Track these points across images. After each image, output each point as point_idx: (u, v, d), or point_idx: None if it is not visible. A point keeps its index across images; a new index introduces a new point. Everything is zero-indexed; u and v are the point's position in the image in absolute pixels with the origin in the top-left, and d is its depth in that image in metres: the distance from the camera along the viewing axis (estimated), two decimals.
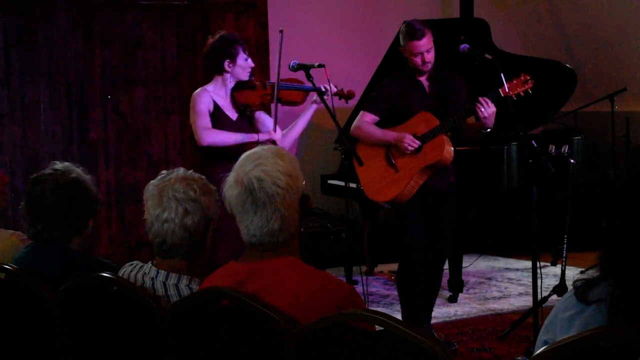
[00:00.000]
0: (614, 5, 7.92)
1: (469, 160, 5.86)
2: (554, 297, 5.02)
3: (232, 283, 2.18)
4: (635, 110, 7.41)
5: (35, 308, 2.65)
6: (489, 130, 4.56)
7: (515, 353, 4.64)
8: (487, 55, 4.60)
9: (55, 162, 2.95)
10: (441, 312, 5.57)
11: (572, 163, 5.62)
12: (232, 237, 4.28)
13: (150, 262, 2.57)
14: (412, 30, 4.62)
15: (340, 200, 7.12)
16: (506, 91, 4.50)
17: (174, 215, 2.46)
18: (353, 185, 5.27)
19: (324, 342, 1.94)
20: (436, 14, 8.13)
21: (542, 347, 1.68)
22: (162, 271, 2.52)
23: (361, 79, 6.73)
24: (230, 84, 4.69)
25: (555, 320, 1.82)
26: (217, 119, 4.63)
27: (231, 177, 2.25)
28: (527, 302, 5.51)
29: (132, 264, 2.62)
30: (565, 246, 5.48)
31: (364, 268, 6.68)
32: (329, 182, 6.86)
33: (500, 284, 6.38)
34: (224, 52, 4.62)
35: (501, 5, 8.55)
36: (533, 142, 4.56)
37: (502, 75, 4.46)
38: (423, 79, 4.76)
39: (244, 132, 4.63)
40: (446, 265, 5.30)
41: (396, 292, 5.35)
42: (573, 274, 5.74)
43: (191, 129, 4.72)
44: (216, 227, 2.56)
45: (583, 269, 1.84)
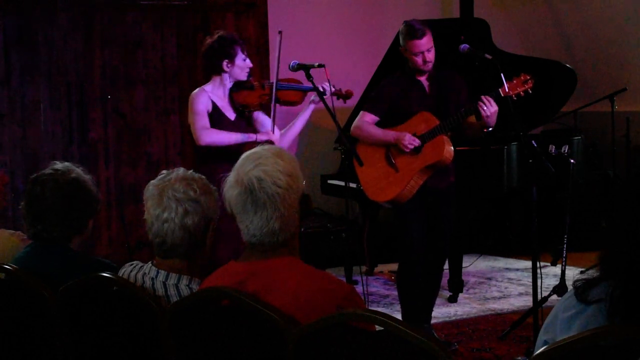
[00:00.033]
0: (614, 5, 7.92)
1: (469, 160, 5.86)
2: (554, 297, 5.02)
3: (232, 283, 2.18)
4: (635, 110, 7.40)
5: (35, 308, 2.65)
6: (490, 129, 4.56)
7: (515, 353, 4.64)
8: (487, 55, 4.60)
9: (55, 162, 2.94)
10: (441, 312, 5.57)
11: (572, 163, 5.62)
12: (232, 237, 4.28)
13: (150, 262, 2.57)
14: (413, 30, 4.62)
15: (340, 200, 7.11)
16: (506, 91, 4.50)
17: (174, 215, 2.46)
18: (353, 185, 5.27)
19: (324, 342, 1.94)
20: (436, 14, 8.13)
21: (542, 347, 1.68)
22: (162, 271, 2.52)
23: (361, 79, 6.73)
24: (229, 84, 4.68)
25: (555, 321, 1.82)
26: (215, 119, 4.62)
27: (231, 177, 2.25)
28: (527, 302, 5.51)
29: (132, 264, 2.62)
30: (565, 246, 5.48)
31: (364, 268, 6.68)
32: (329, 182, 6.85)
33: (500, 284, 6.38)
34: (222, 52, 4.61)
35: (501, 5, 8.55)
36: (533, 142, 4.56)
37: (502, 75, 4.46)
38: (423, 79, 4.76)
39: (243, 132, 4.63)
40: (446, 265, 5.30)
41: (396, 292, 5.35)
42: (573, 274, 5.74)
43: (190, 129, 4.72)
44: (216, 227, 2.56)
45: (583, 269, 1.83)
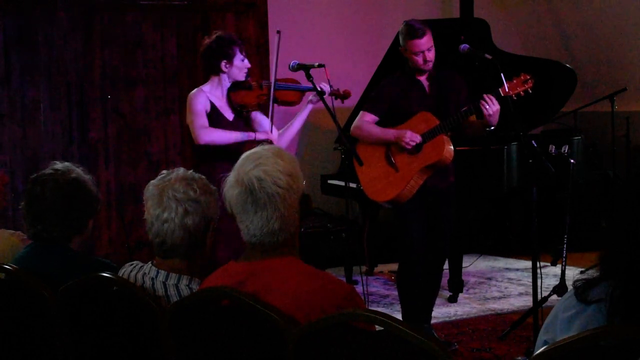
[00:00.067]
0: (614, 5, 7.92)
1: (469, 160, 5.86)
2: (554, 297, 5.02)
3: (232, 283, 2.18)
4: (635, 110, 7.40)
5: (35, 308, 2.65)
6: (492, 128, 4.56)
7: (515, 353, 4.64)
8: (487, 55, 4.60)
9: (55, 162, 2.94)
10: (441, 312, 5.57)
11: (572, 163, 5.62)
12: (232, 237, 4.28)
13: (150, 262, 2.57)
14: (413, 30, 4.63)
15: (340, 200, 7.12)
16: (506, 91, 4.50)
17: (174, 215, 2.46)
18: (353, 185, 5.27)
19: (324, 342, 1.94)
20: (436, 14, 8.13)
21: (542, 347, 1.68)
22: (162, 271, 2.52)
23: (361, 79, 6.73)
24: (227, 84, 4.68)
25: (555, 321, 1.82)
26: (213, 120, 4.62)
27: (231, 177, 2.25)
28: (527, 302, 5.51)
29: (132, 264, 2.62)
30: (565, 246, 5.48)
31: (364, 268, 6.68)
32: (329, 182, 6.85)
33: (500, 284, 6.38)
34: (220, 53, 4.60)
35: (501, 5, 8.55)
36: (533, 142, 4.56)
37: (502, 75, 4.46)
38: (423, 78, 4.75)
39: (242, 132, 4.63)
40: (446, 265, 5.30)
41: (396, 292, 5.35)
42: (573, 274, 5.74)
43: (189, 129, 4.71)
44: (216, 227, 2.56)
45: (583, 269, 1.83)
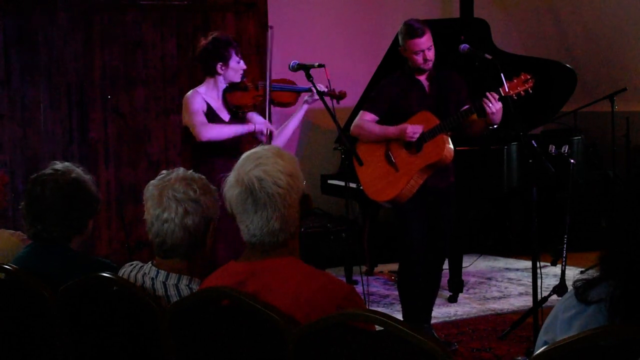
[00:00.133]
0: (614, 6, 7.92)
1: (469, 160, 5.86)
2: (554, 297, 5.02)
3: (232, 283, 2.18)
4: (635, 110, 7.40)
5: (35, 308, 2.65)
6: (495, 126, 4.56)
7: (515, 353, 4.64)
8: (487, 55, 4.60)
9: (55, 162, 2.95)
10: (441, 312, 5.57)
11: (572, 163, 5.62)
12: (232, 237, 4.28)
13: (150, 262, 2.57)
14: (412, 29, 4.63)
15: (340, 200, 7.11)
16: (506, 91, 4.50)
17: (174, 216, 2.46)
18: (353, 185, 5.27)
19: (324, 342, 1.94)
20: (436, 14, 8.13)
21: (542, 347, 1.68)
22: (162, 271, 2.52)
23: (361, 79, 6.73)
24: (222, 85, 4.68)
25: (555, 321, 1.82)
26: (210, 121, 4.62)
27: (231, 177, 2.25)
28: (527, 302, 5.50)
29: (132, 264, 2.62)
30: (565, 246, 5.49)
31: (364, 268, 6.68)
32: (329, 182, 6.85)
33: (500, 284, 6.38)
34: (216, 54, 4.60)
35: (501, 5, 8.55)
36: (533, 142, 4.56)
37: (502, 75, 4.46)
38: (423, 78, 4.75)
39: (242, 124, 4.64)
40: (446, 265, 5.30)
41: (396, 292, 5.35)
42: (573, 274, 5.74)
43: (186, 130, 4.71)
44: (216, 227, 2.56)
45: (583, 269, 1.83)
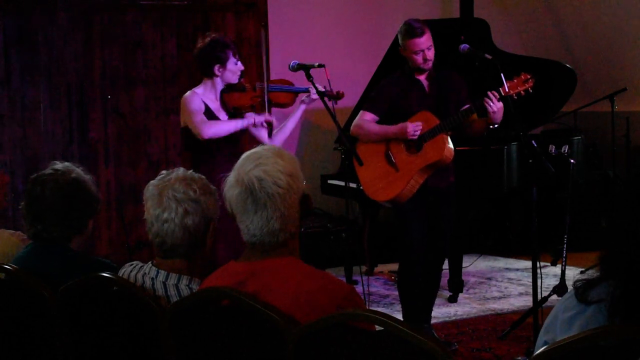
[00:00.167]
0: (613, 6, 7.92)
1: (469, 160, 5.86)
2: (554, 297, 5.02)
3: (232, 283, 2.18)
4: (635, 110, 7.40)
5: (35, 308, 2.65)
6: (497, 125, 4.56)
7: (515, 353, 4.64)
8: (487, 55, 4.60)
9: (55, 162, 2.94)
10: (441, 312, 5.57)
11: (572, 163, 5.62)
12: (232, 237, 4.27)
13: (150, 262, 2.57)
14: (412, 29, 4.63)
15: (340, 200, 7.11)
16: (506, 90, 4.50)
17: (174, 216, 2.46)
18: (353, 185, 5.27)
19: (324, 342, 1.94)
20: (436, 14, 8.13)
21: (542, 347, 1.68)
22: (162, 271, 2.52)
23: (361, 79, 6.73)
24: (220, 86, 4.69)
25: (556, 321, 1.82)
26: None
27: (231, 177, 2.25)
28: (527, 302, 5.50)
29: (132, 264, 2.62)
30: (565, 246, 5.49)
31: (364, 268, 6.68)
32: (329, 182, 6.85)
33: (500, 284, 6.37)
34: (214, 57, 4.60)
35: (501, 5, 8.55)
36: (533, 142, 4.56)
37: (502, 75, 4.46)
38: (423, 78, 4.75)
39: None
40: (446, 265, 5.30)
41: (396, 292, 5.35)
42: (573, 274, 5.74)
43: (186, 131, 4.71)
44: (216, 227, 2.56)
45: (583, 269, 1.83)
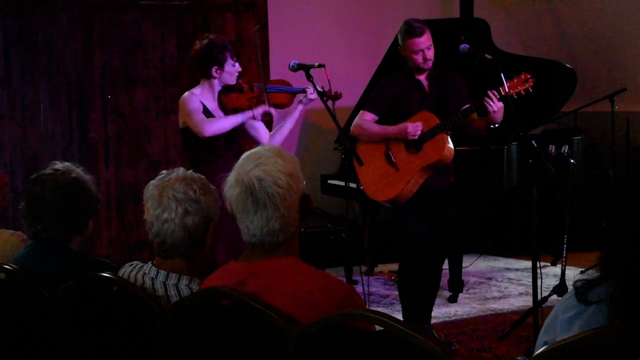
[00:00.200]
0: (613, 6, 7.92)
1: (469, 160, 5.86)
2: (554, 297, 5.02)
3: (232, 283, 2.18)
4: (635, 110, 7.40)
5: (35, 308, 2.65)
6: (497, 125, 4.56)
7: (515, 353, 4.64)
8: (487, 55, 4.60)
9: (55, 162, 2.94)
10: (441, 312, 5.57)
11: (572, 163, 5.62)
12: (232, 237, 4.26)
13: (150, 262, 2.57)
14: (412, 28, 4.63)
15: (340, 200, 7.11)
16: (506, 90, 4.50)
17: (174, 216, 2.46)
18: (353, 185, 5.27)
19: (324, 342, 1.94)
20: (436, 14, 8.13)
21: (542, 347, 1.68)
22: (162, 271, 2.52)
23: (361, 79, 6.73)
24: (218, 87, 4.69)
25: (556, 321, 1.82)
26: None
27: (232, 177, 2.25)
28: (527, 302, 5.50)
29: (132, 264, 2.62)
30: (565, 246, 5.49)
31: (364, 268, 6.68)
32: (329, 182, 6.85)
33: (500, 284, 6.37)
34: (211, 58, 4.60)
35: (501, 5, 8.55)
36: (533, 142, 4.56)
37: (502, 75, 4.46)
38: (423, 78, 4.75)
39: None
40: (446, 265, 5.30)
41: (396, 292, 5.34)
42: (573, 274, 5.74)
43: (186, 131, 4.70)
44: (216, 227, 2.56)
45: (583, 269, 1.83)
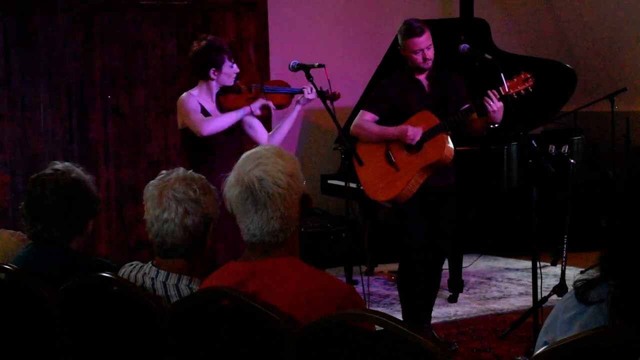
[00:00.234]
0: (613, 6, 7.92)
1: (469, 160, 5.86)
2: (554, 297, 5.02)
3: (232, 283, 2.18)
4: (635, 110, 7.40)
5: (35, 308, 2.65)
6: (497, 125, 4.56)
7: (515, 353, 4.64)
8: (487, 55, 4.60)
9: (55, 162, 2.95)
10: (441, 312, 5.57)
11: (572, 163, 5.62)
12: (233, 237, 4.27)
13: (150, 262, 2.57)
14: (411, 28, 4.63)
15: (340, 200, 7.11)
16: (506, 90, 4.50)
17: (174, 216, 2.46)
18: (353, 185, 5.27)
19: (324, 342, 1.94)
20: (436, 14, 8.13)
21: (542, 347, 1.68)
22: (162, 271, 2.52)
23: (361, 79, 6.73)
24: (216, 89, 4.69)
25: (556, 322, 1.81)
26: None
27: (232, 177, 2.25)
28: (527, 302, 5.50)
29: (132, 264, 2.62)
30: (565, 246, 5.49)
31: (364, 268, 6.68)
32: (329, 182, 6.85)
33: (500, 284, 6.38)
34: (209, 60, 4.60)
35: (501, 5, 8.55)
36: (533, 142, 4.56)
37: (502, 75, 4.46)
38: (422, 78, 4.75)
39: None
40: (446, 265, 5.30)
41: (396, 292, 5.34)
42: (573, 274, 5.74)
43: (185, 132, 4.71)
44: (216, 227, 2.56)
45: (583, 269, 1.83)
